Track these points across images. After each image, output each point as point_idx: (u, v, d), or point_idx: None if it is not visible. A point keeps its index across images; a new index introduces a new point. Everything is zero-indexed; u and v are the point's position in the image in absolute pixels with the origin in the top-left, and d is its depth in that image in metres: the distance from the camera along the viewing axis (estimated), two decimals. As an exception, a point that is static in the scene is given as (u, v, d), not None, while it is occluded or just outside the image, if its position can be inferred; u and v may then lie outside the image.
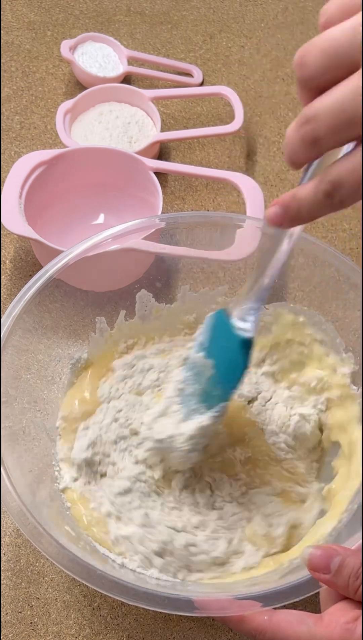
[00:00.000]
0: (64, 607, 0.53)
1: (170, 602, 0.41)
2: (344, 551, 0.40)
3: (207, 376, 0.50)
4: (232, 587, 0.47)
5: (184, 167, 0.71)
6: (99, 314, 0.58)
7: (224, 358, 0.49)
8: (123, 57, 0.85)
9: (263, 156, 0.81)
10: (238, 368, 0.48)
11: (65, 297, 0.54)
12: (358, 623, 0.38)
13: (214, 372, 0.49)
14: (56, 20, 0.92)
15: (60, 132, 0.74)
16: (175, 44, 0.91)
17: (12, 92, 0.84)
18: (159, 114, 0.78)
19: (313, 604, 0.47)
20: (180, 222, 0.57)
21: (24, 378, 0.52)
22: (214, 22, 0.94)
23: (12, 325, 0.50)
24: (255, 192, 0.66)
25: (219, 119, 0.84)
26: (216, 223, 0.57)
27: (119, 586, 0.42)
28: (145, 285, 0.59)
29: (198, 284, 0.60)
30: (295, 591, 0.41)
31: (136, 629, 0.52)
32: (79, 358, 0.57)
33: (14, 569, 0.54)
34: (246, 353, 0.48)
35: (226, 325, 0.48)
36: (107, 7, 0.94)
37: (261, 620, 0.40)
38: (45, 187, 0.68)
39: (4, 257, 0.70)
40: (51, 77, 0.86)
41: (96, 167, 0.70)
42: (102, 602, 0.53)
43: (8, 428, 0.48)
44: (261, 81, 0.88)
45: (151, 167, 0.68)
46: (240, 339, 0.48)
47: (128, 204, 0.71)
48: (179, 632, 0.52)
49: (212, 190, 0.77)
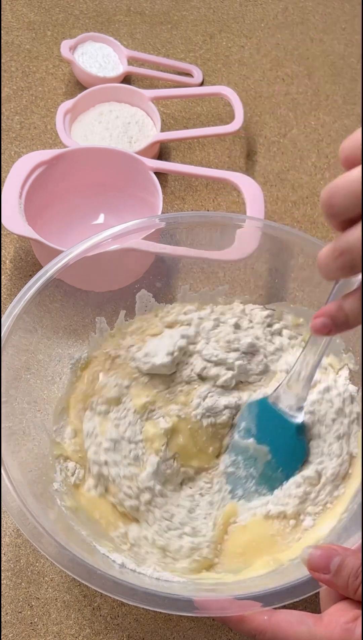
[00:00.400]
0: (64, 607, 0.53)
1: (170, 602, 0.41)
2: (344, 551, 0.40)
3: (264, 461, 0.52)
4: (232, 587, 0.47)
5: (184, 167, 0.71)
6: (99, 314, 0.58)
7: (283, 444, 0.52)
8: (123, 57, 0.85)
9: (263, 156, 0.81)
10: (300, 452, 0.52)
11: (65, 297, 0.54)
12: (358, 623, 0.38)
13: (272, 457, 0.52)
14: (56, 20, 0.92)
15: (60, 132, 0.74)
16: (175, 44, 0.91)
17: (12, 92, 0.84)
18: (159, 114, 0.78)
19: (313, 604, 0.47)
20: (180, 222, 0.57)
21: (24, 378, 0.52)
22: (214, 22, 0.94)
23: (12, 325, 0.50)
24: (255, 192, 0.66)
25: (219, 119, 0.84)
26: (216, 223, 0.57)
27: (119, 586, 0.42)
28: (145, 285, 0.59)
29: (198, 284, 0.60)
30: (295, 591, 0.41)
31: (136, 629, 0.52)
32: (79, 358, 0.57)
33: (14, 569, 0.54)
34: (304, 438, 0.52)
35: (275, 413, 0.52)
36: (107, 7, 0.94)
37: (261, 620, 0.40)
38: (45, 187, 0.68)
39: (4, 257, 0.70)
40: (51, 77, 0.86)
41: (96, 167, 0.70)
42: (102, 602, 0.53)
43: (8, 428, 0.48)
44: (261, 81, 0.88)
45: (151, 167, 0.68)
46: (296, 425, 0.51)
47: (128, 204, 0.71)
48: (179, 632, 0.52)
49: (212, 190, 0.77)
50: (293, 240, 0.56)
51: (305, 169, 0.80)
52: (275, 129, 0.83)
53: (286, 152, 0.81)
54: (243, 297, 0.60)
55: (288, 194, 0.78)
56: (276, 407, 0.52)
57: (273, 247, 0.57)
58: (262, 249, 0.57)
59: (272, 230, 0.56)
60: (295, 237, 0.55)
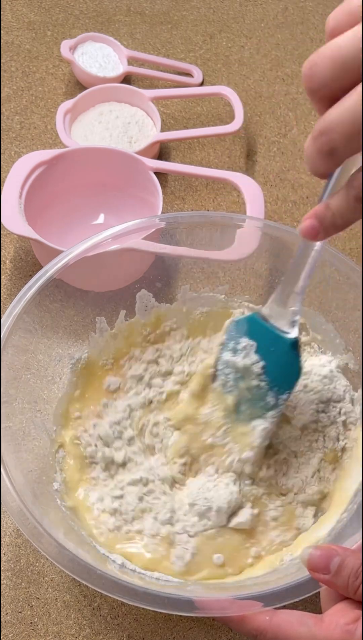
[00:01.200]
0: (64, 607, 0.53)
1: (170, 602, 0.41)
2: (344, 551, 0.40)
3: (257, 380, 0.50)
4: (232, 587, 0.47)
5: (184, 167, 0.71)
6: (99, 314, 0.58)
7: (277, 361, 0.49)
8: (123, 57, 0.85)
9: (263, 156, 0.81)
10: (294, 370, 0.50)
11: (65, 297, 0.54)
12: (358, 624, 0.38)
13: (265, 375, 0.50)
14: (56, 20, 0.92)
15: (60, 132, 0.74)
16: (175, 44, 0.91)
17: (12, 92, 0.84)
18: (159, 114, 0.78)
19: (313, 604, 0.47)
20: (180, 222, 0.57)
21: (24, 378, 0.52)
22: (214, 22, 0.94)
23: (12, 325, 0.50)
24: (255, 192, 0.65)
25: (219, 119, 0.84)
26: (216, 223, 0.57)
27: (119, 586, 0.42)
28: (145, 285, 0.59)
29: (198, 284, 0.60)
30: (295, 591, 0.41)
31: (136, 629, 0.52)
32: (79, 358, 0.57)
33: (14, 569, 0.54)
34: (298, 355, 0.49)
35: (267, 329, 0.49)
36: (107, 7, 0.94)
37: (262, 621, 0.40)
38: (45, 187, 0.68)
39: (4, 257, 0.70)
40: (51, 77, 0.86)
41: (96, 167, 0.70)
42: (102, 602, 0.53)
43: (8, 428, 0.48)
44: (261, 81, 0.88)
45: (151, 167, 0.68)
46: (290, 341, 0.48)
47: (128, 204, 0.71)
48: (179, 632, 0.52)
49: (212, 190, 0.77)
50: (293, 240, 0.55)
51: (305, 169, 0.80)
52: (275, 129, 0.83)
53: (286, 152, 0.81)
54: (243, 297, 0.60)
55: (288, 194, 0.78)
56: (267, 324, 0.49)
57: (273, 247, 0.57)
58: (262, 249, 0.57)
59: (272, 230, 0.56)
60: (295, 237, 0.55)
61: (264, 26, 0.94)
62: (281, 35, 0.93)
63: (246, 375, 0.51)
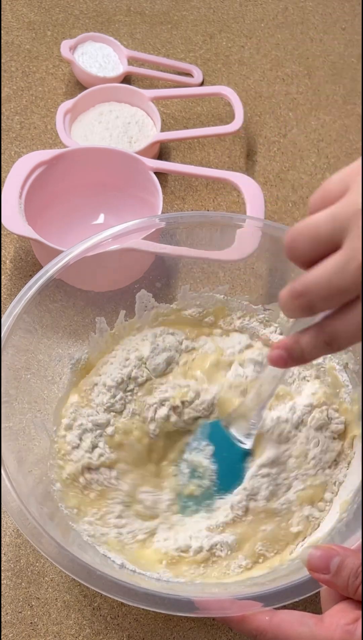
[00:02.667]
0: (64, 607, 0.53)
1: (170, 602, 0.41)
2: (343, 551, 0.40)
3: (210, 480, 0.53)
4: (232, 587, 0.47)
5: (184, 167, 0.71)
6: (99, 314, 0.58)
7: (226, 466, 0.53)
8: (123, 57, 0.85)
9: (263, 156, 0.81)
10: (239, 476, 0.53)
11: (65, 297, 0.54)
12: (358, 624, 0.38)
13: (216, 478, 0.53)
14: (56, 20, 0.92)
15: (60, 132, 0.74)
16: (175, 44, 0.91)
17: (12, 92, 0.84)
18: (159, 114, 0.78)
19: (313, 604, 0.47)
20: (180, 222, 0.57)
21: (24, 378, 0.52)
22: (214, 22, 0.94)
23: (12, 325, 0.50)
24: (255, 192, 0.65)
25: (219, 119, 0.84)
26: (216, 223, 0.57)
27: (119, 586, 0.42)
28: (145, 285, 0.59)
29: (198, 284, 0.60)
30: (295, 591, 0.41)
31: (136, 629, 0.52)
32: (79, 358, 0.57)
33: (14, 569, 0.54)
34: (245, 464, 0.53)
35: (226, 438, 0.53)
36: (107, 7, 0.94)
37: (262, 621, 0.40)
38: (45, 187, 0.68)
39: (4, 257, 0.70)
40: (51, 77, 0.86)
41: (96, 167, 0.70)
42: (102, 602, 0.53)
43: (8, 428, 0.48)
44: (261, 81, 0.88)
45: (151, 167, 0.68)
46: (243, 452, 0.53)
47: (128, 204, 0.71)
48: (179, 632, 0.52)
49: (212, 190, 0.77)
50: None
51: (305, 169, 0.80)
52: (275, 129, 0.83)
53: (286, 152, 0.81)
54: (243, 297, 0.60)
55: (288, 194, 0.78)
56: (226, 431, 0.53)
57: (273, 247, 0.57)
58: (262, 249, 0.57)
59: (272, 230, 0.56)
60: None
61: (264, 26, 0.94)
62: (281, 35, 0.93)
63: (199, 473, 0.53)
